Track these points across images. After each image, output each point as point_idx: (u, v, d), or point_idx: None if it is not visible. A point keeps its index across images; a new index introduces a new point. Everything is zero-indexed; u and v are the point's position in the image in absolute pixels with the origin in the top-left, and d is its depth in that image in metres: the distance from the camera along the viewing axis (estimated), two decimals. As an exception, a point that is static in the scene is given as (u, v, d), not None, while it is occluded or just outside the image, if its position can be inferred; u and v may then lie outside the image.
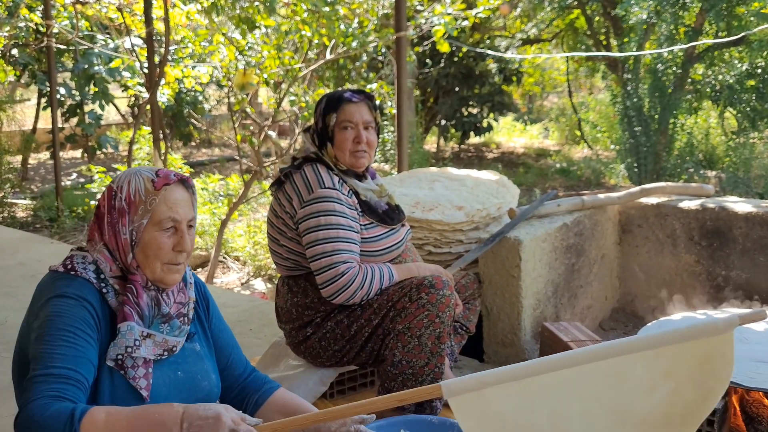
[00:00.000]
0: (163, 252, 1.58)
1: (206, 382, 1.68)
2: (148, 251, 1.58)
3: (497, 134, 14.98)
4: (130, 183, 1.59)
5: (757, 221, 3.30)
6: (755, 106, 9.59)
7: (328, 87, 10.51)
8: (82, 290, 1.53)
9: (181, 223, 1.60)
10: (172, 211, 1.59)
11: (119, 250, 1.59)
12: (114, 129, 13.65)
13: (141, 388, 1.54)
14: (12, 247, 5.37)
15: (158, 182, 1.59)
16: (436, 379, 2.24)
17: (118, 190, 1.60)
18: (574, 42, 13.83)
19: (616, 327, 3.59)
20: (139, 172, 1.62)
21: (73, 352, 1.45)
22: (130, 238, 1.58)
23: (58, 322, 1.48)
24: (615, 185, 10.07)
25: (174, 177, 1.62)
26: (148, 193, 1.58)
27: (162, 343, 1.59)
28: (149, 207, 1.58)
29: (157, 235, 1.58)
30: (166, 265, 1.60)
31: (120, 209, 1.58)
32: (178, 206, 1.60)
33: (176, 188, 1.61)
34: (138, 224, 1.58)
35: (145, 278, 1.59)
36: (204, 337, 1.76)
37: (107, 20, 6.93)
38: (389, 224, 2.39)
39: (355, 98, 2.38)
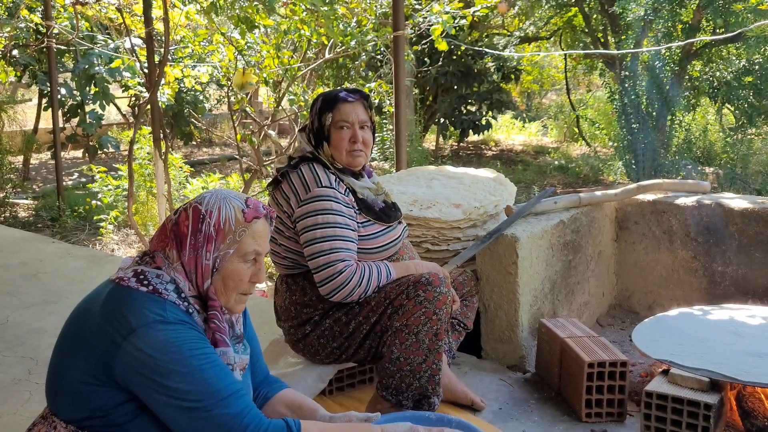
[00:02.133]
0: (242, 283, 1.60)
1: (247, 396, 1.67)
2: (229, 281, 1.59)
3: (496, 132, 15.00)
4: (220, 210, 1.59)
5: (753, 217, 3.32)
6: (753, 103, 9.61)
7: (327, 86, 10.53)
8: (177, 314, 1.50)
9: (262, 255, 1.63)
10: (257, 244, 1.60)
11: (197, 274, 1.58)
12: (115, 129, 13.67)
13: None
14: (14, 247, 5.39)
15: (248, 214, 1.60)
16: (433, 375, 2.27)
17: (207, 215, 1.58)
18: (572, 40, 13.84)
19: (613, 323, 3.62)
20: (229, 198, 1.61)
21: (223, 371, 1.49)
22: (212, 265, 1.58)
23: (182, 351, 1.45)
24: (613, 182, 10.09)
25: (263, 210, 1.63)
26: (238, 224, 1.59)
27: (240, 363, 1.63)
28: (237, 238, 1.58)
29: (239, 266, 1.59)
30: (239, 295, 1.62)
31: (207, 235, 1.57)
32: (263, 239, 1.62)
33: (263, 220, 1.63)
34: (224, 253, 1.58)
35: (219, 303, 1.60)
36: (244, 348, 1.78)
37: (107, 21, 6.94)
38: (386, 222, 2.41)
39: (350, 98, 2.39)
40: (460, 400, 2.54)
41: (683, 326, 2.72)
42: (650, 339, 2.62)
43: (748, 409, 2.49)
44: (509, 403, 2.65)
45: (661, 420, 2.35)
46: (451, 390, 2.52)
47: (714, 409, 2.26)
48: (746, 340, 2.54)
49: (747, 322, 2.72)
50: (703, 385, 2.34)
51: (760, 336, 2.58)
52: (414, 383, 2.25)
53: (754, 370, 2.29)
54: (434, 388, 2.28)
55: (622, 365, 2.50)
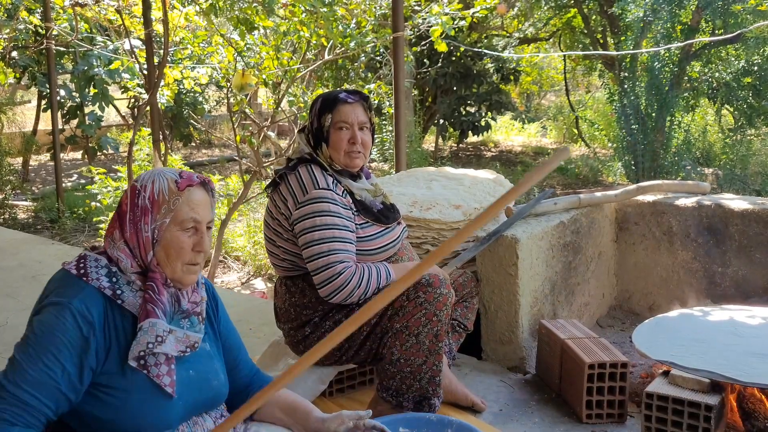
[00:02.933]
0: (183, 251, 1.61)
1: (216, 382, 1.70)
2: (170, 250, 1.61)
3: (495, 133, 15.00)
4: (154, 183, 1.62)
5: (753, 218, 3.32)
6: (752, 103, 9.62)
7: (326, 87, 10.52)
8: (88, 302, 1.54)
9: (202, 224, 1.64)
10: (194, 212, 1.62)
11: (140, 248, 1.61)
12: (114, 130, 13.68)
13: (165, 386, 1.55)
14: (13, 248, 5.39)
15: (182, 183, 1.63)
16: (434, 377, 2.26)
17: (142, 189, 1.62)
18: (571, 41, 13.86)
19: (614, 324, 3.62)
20: (163, 172, 1.65)
21: (45, 378, 1.46)
22: (151, 236, 1.60)
23: (46, 340, 1.49)
24: (613, 183, 10.09)
25: (197, 179, 1.66)
26: (171, 193, 1.61)
27: (184, 339, 1.62)
28: (172, 207, 1.61)
29: (178, 234, 1.61)
30: (186, 266, 1.63)
31: (143, 207, 1.61)
32: (200, 207, 1.63)
33: (198, 190, 1.65)
34: (160, 223, 1.61)
35: (164, 276, 1.62)
36: (213, 337, 1.78)
37: (106, 22, 6.94)
38: (384, 223, 2.41)
39: (350, 99, 2.39)
40: (461, 401, 2.54)
41: (683, 327, 2.72)
42: (650, 340, 2.61)
43: (748, 410, 2.49)
44: (510, 405, 2.65)
45: (661, 421, 2.35)
46: (451, 391, 2.51)
47: (715, 410, 2.26)
48: (746, 340, 2.53)
49: (747, 322, 2.72)
50: (704, 386, 2.34)
51: (761, 336, 2.57)
52: (414, 384, 2.25)
53: (754, 370, 2.29)
54: (435, 390, 2.28)
55: (622, 366, 2.50)
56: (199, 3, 5.89)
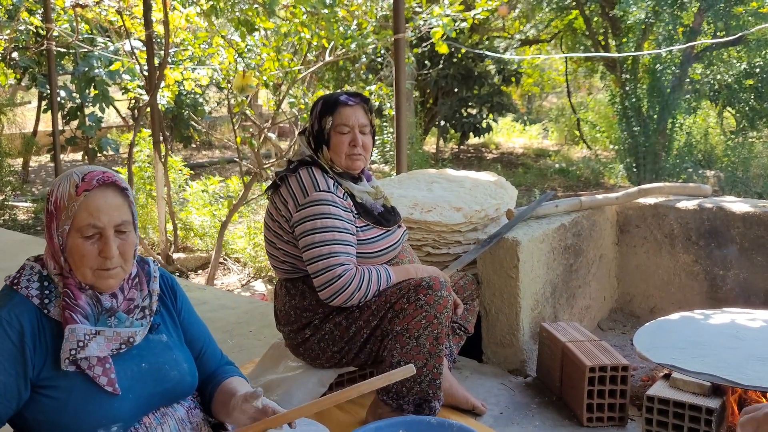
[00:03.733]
0: (87, 259, 1.54)
1: (175, 372, 1.66)
2: (75, 257, 1.54)
3: (496, 135, 15.01)
4: (58, 187, 1.55)
5: (755, 221, 3.31)
6: (754, 106, 9.62)
7: (327, 89, 10.52)
8: (17, 311, 1.51)
9: (106, 229, 1.54)
10: (93, 218, 1.53)
11: (54, 253, 1.57)
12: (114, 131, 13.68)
13: (104, 385, 1.53)
14: (13, 250, 5.38)
15: (80, 187, 1.53)
16: (434, 379, 2.25)
17: (50, 194, 1.57)
18: (572, 42, 13.85)
19: (615, 327, 3.60)
20: (70, 175, 1.57)
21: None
22: (59, 243, 1.55)
23: None
24: (614, 185, 10.09)
25: (96, 182, 1.54)
26: (70, 198, 1.53)
27: (115, 337, 1.57)
28: (70, 213, 1.53)
29: (79, 241, 1.53)
30: (97, 271, 1.55)
31: (50, 212, 1.56)
32: (101, 212, 1.53)
33: (101, 193, 1.54)
34: (62, 230, 1.54)
35: (77, 280, 1.56)
36: (173, 327, 1.74)
37: (107, 23, 6.95)
38: (385, 226, 2.40)
39: (351, 101, 2.39)
40: (461, 404, 2.53)
41: (685, 330, 2.71)
42: (651, 343, 2.60)
43: (750, 414, 2.47)
44: (510, 408, 2.63)
45: (662, 425, 2.33)
46: (452, 394, 2.50)
47: (716, 413, 2.25)
48: (748, 343, 2.52)
49: (748, 325, 2.71)
50: (705, 389, 2.33)
51: (762, 340, 2.56)
52: (415, 387, 2.24)
53: (755, 374, 2.27)
54: (435, 393, 2.27)
55: (623, 369, 2.49)
56: (199, 4, 5.89)
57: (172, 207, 6.35)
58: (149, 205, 7.05)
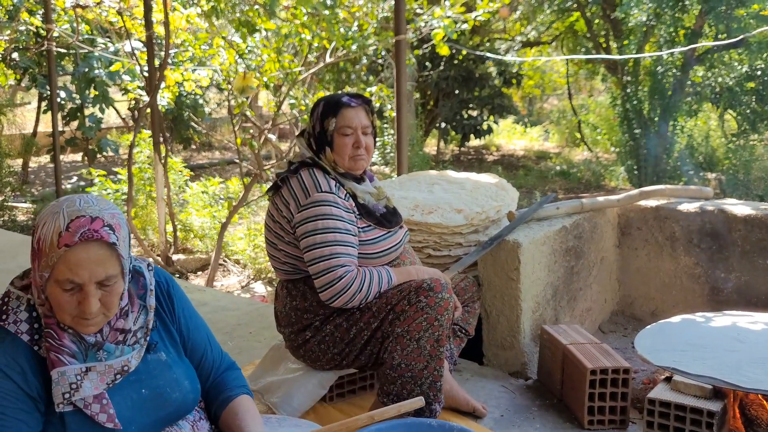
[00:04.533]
0: (66, 307, 1.45)
1: (177, 393, 1.61)
2: (54, 303, 1.46)
3: (497, 137, 15.02)
4: (44, 226, 1.44)
5: (756, 224, 3.30)
6: (755, 108, 9.61)
7: (327, 90, 10.53)
8: (12, 352, 1.46)
9: (86, 285, 1.43)
10: (72, 273, 1.41)
11: (37, 289, 1.49)
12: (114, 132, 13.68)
13: (104, 423, 1.47)
14: (13, 251, 5.38)
15: (61, 239, 1.41)
16: (435, 382, 2.25)
17: (37, 228, 1.46)
18: (573, 44, 13.85)
19: (616, 329, 3.60)
20: (59, 214, 1.44)
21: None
22: (40, 281, 1.46)
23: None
24: (615, 187, 10.09)
25: (79, 238, 1.41)
26: (52, 247, 1.42)
27: (107, 371, 1.50)
28: (50, 262, 1.42)
29: (57, 292, 1.44)
30: (76, 318, 1.47)
31: (33, 249, 1.46)
32: (81, 268, 1.41)
33: (83, 247, 1.42)
34: (41, 274, 1.45)
35: (56, 319, 1.49)
36: (170, 341, 1.68)
37: (107, 24, 6.95)
38: (387, 227, 2.40)
39: (353, 103, 2.38)
40: (462, 406, 2.52)
41: (686, 333, 2.70)
42: (653, 346, 2.59)
43: (751, 417, 2.47)
44: (511, 410, 2.63)
45: (663, 427, 2.33)
46: (452, 396, 2.50)
47: (717, 416, 2.25)
48: (749, 346, 2.52)
49: (750, 328, 2.70)
50: (706, 392, 2.32)
51: (763, 343, 2.56)
52: (415, 390, 2.23)
53: (757, 377, 2.27)
54: (435, 395, 2.26)
55: (624, 372, 2.48)
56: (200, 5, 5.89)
57: (172, 208, 6.34)
58: (149, 207, 7.04)
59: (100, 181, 7.22)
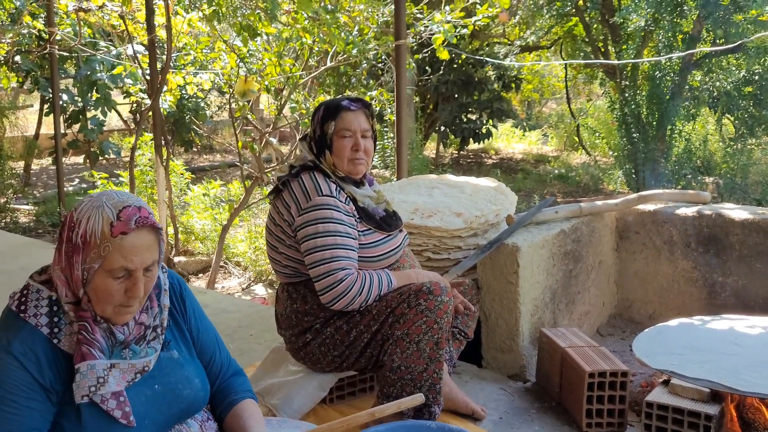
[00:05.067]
0: (112, 297, 1.50)
1: (188, 390, 1.64)
2: (99, 294, 1.50)
3: (496, 140, 15.03)
4: (89, 220, 1.48)
5: (754, 228, 3.33)
6: (753, 113, 9.64)
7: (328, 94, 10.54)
8: (29, 342, 1.48)
9: (137, 271, 1.50)
10: (126, 260, 1.48)
11: (72, 282, 1.52)
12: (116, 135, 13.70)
13: (119, 418, 1.50)
14: (14, 252, 5.39)
15: (116, 228, 1.47)
16: (434, 384, 2.26)
17: (77, 224, 1.49)
18: (572, 49, 13.88)
19: (614, 333, 3.62)
20: (102, 207, 1.50)
21: (18, 426, 1.44)
22: (81, 276, 1.50)
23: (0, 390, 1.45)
24: (613, 191, 10.11)
25: (134, 224, 1.49)
26: (104, 237, 1.47)
27: (129, 369, 1.55)
28: (102, 253, 1.47)
29: (108, 281, 1.49)
30: (117, 307, 1.52)
31: (75, 245, 1.49)
32: (135, 254, 1.49)
33: (137, 234, 1.50)
34: (89, 266, 1.49)
35: (94, 313, 1.53)
36: (182, 340, 1.71)
37: (110, 27, 6.97)
38: (387, 230, 2.42)
39: (353, 106, 2.40)
40: (461, 409, 2.54)
41: (684, 336, 2.73)
42: (650, 349, 2.62)
43: (748, 420, 2.49)
44: (510, 413, 2.65)
45: (661, 430, 2.35)
46: (451, 399, 2.51)
47: (715, 419, 2.26)
48: (746, 350, 2.54)
49: (747, 332, 2.73)
50: (704, 395, 2.34)
51: (761, 346, 2.58)
52: (415, 392, 2.25)
53: (754, 380, 2.29)
54: (435, 397, 2.28)
55: (622, 375, 2.50)
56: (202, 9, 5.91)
57: (173, 210, 6.36)
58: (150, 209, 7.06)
59: (101, 184, 7.25)
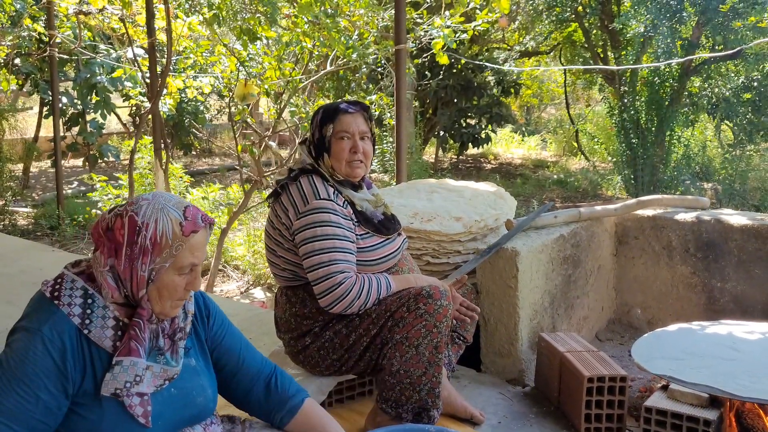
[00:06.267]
0: (176, 293, 1.60)
1: (201, 398, 1.69)
2: (164, 291, 1.58)
3: (495, 145, 15.05)
4: (157, 222, 1.55)
5: (753, 233, 3.34)
6: (751, 119, 9.67)
7: (327, 98, 10.56)
8: (59, 328, 1.51)
9: (198, 265, 1.62)
10: (194, 257, 1.59)
11: (132, 283, 1.56)
12: (115, 138, 13.72)
13: (138, 416, 1.54)
14: (13, 255, 5.39)
15: (186, 228, 1.57)
16: (433, 388, 2.26)
17: (144, 227, 1.55)
18: (571, 55, 13.92)
19: (612, 338, 3.62)
20: (167, 209, 1.57)
21: (20, 409, 1.45)
22: (147, 276, 1.56)
23: (19, 369, 1.47)
24: (612, 196, 10.12)
25: (202, 222, 1.60)
26: (175, 238, 1.56)
27: (161, 374, 1.60)
28: (174, 252, 1.56)
29: (175, 278, 1.58)
30: (175, 302, 1.62)
31: (143, 248, 1.55)
32: (200, 250, 1.61)
33: (202, 232, 1.61)
34: (160, 266, 1.56)
35: (150, 312, 1.59)
36: (200, 350, 1.76)
37: (110, 30, 6.98)
38: (385, 234, 2.42)
39: (351, 109, 2.41)
40: (460, 413, 2.54)
41: (682, 342, 2.73)
42: (649, 354, 2.62)
43: (747, 426, 2.49)
44: (508, 417, 2.65)
45: (660, 435, 2.34)
46: (450, 403, 2.51)
47: (713, 425, 2.27)
48: (745, 355, 2.54)
49: (746, 338, 2.73)
50: (703, 401, 2.34)
51: (759, 352, 2.58)
52: (414, 396, 2.25)
53: (753, 386, 2.29)
54: (434, 401, 2.28)
55: (621, 380, 2.50)
56: (202, 13, 5.93)
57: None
58: (149, 212, 7.05)
59: (101, 187, 7.25)
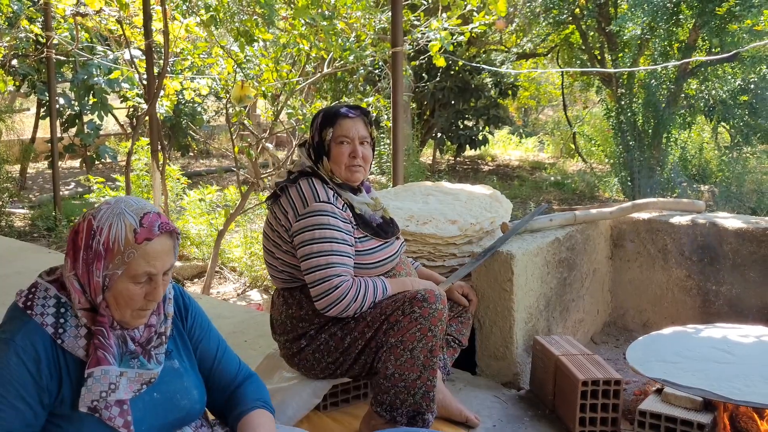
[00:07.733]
0: (134, 302, 1.54)
1: (186, 401, 1.66)
2: (120, 299, 1.53)
3: (493, 147, 15.06)
4: (111, 227, 1.51)
5: (747, 237, 3.35)
6: (748, 121, 9.69)
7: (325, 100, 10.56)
8: (32, 338, 1.49)
9: (158, 275, 1.54)
10: (149, 266, 1.52)
11: (90, 288, 1.53)
12: (112, 139, 13.70)
13: (119, 427, 1.51)
14: (10, 256, 5.39)
15: (140, 235, 1.51)
16: (428, 392, 2.27)
17: (98, 231, 1.51)
18: (569, 57, 13.93)
19: (608, 341, 3.63)
20: (123, 214, 1.52)
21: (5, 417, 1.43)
22: (102, 282, 1.52)
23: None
24: (609, 198, 10.14)
25: (158, 230, 1.53)
26: (128, 244, 1.50)
27: (137, 378, 1.56)
28: (126, 259, 1.50)
29: (130, 286, 1.52)
30: (136, 311, 1.55)
31: (96, 252, 1.51)
32: (157, 260, 1.53)
33: (159, 239, 1.53)
34: (112, 273, 1.51)
35: (111, 319, 1.54)
36: (184, 350, 1.73)
37: (107, 32, 6.98)
38: (383, 237, 2.43)
39: (351, 113, 2.42)
40: (455, 416, 2.54)
41: (677, 345, 2.73)
42: (644, 357, 2.62)
43: (741, 429, 2.49)
44: (503, 420, 2.65)
45: (654, 439, 2.35)
46: (445, 406, 2.52)
47: (707, 428, 2.27)
48: (740, 359, 2.55)
49: (740, 341, 2.74)
50: (697, 404, 2.35)
51: (754, 355, 2.59)
52: (408, 399, 2.25)
53: (747, 389, 2.30)
54: (428, 405, 2.28)
55: (615, 383, 2.51)
56: (199, 14, 5.93)
57: (169, 215, 6.36)
58: (146, 214, 7.05)
59: (98, 188, 7.24)
